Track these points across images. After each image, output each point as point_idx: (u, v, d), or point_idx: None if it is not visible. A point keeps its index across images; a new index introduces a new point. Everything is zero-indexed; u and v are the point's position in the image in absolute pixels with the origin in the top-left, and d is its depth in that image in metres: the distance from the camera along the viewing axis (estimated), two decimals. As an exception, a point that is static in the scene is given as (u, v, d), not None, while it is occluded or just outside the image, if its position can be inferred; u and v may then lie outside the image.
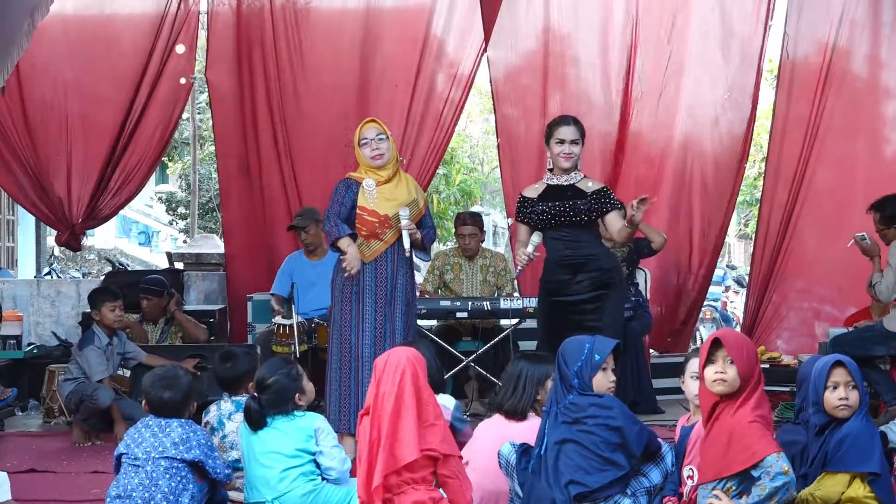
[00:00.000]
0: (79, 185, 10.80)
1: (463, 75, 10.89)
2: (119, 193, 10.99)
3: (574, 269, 7.15)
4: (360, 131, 7.45)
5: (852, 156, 10.75)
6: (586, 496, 5.09)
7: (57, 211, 10.87)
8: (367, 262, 7.30)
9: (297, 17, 10.76)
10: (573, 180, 7.31)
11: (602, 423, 5.17)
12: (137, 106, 10.76)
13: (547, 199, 7.24)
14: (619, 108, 10.84)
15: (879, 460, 5.01)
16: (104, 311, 8.40)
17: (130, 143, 10.83)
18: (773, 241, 10.85)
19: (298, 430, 5.75)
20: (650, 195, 7.14)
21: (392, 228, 7.30)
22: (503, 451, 5.45)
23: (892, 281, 8.64)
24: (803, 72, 10.76)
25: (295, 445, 5.72)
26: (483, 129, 22.37)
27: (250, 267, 10.94)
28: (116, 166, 10.81)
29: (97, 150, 10.75)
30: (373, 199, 7.23)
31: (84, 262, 22.06)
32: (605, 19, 10.82)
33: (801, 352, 10.41)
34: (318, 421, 5.82)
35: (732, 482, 4.87)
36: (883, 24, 10.65)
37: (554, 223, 7.18)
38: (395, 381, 5.17)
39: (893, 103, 10.83)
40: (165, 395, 5.74)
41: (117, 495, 5.60)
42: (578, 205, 7.20)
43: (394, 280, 7.33)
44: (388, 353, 5.41)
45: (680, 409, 9.35)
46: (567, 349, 5.38)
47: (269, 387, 5.86)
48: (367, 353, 7.19)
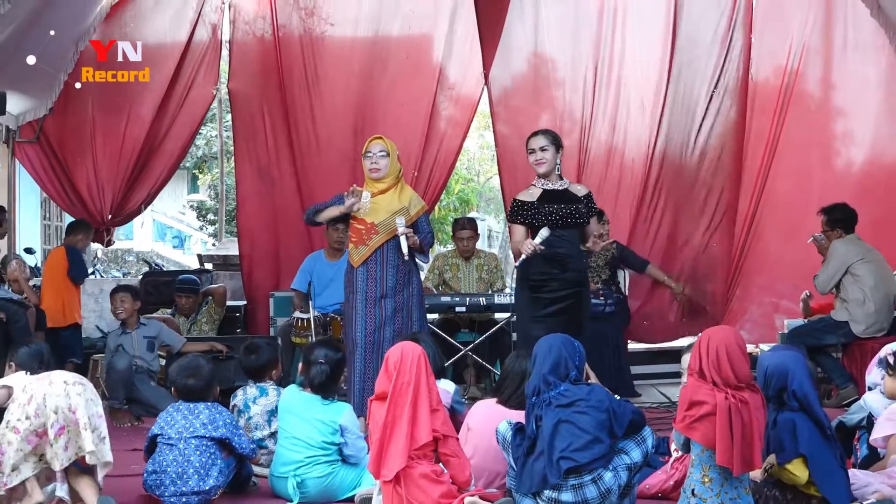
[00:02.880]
0: (107, 189, 10.74)
1: (462, 96, 10.87)
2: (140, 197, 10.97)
3: (561, 266, 7.13)
4: (366, 145, 7.45)
5: (807, 167, 10.76)
6: (574, 470, 5.11)
7: (89, 212, 10.82)
8: (357, 266, 7.29)
9: (313, 44, 10.73)
10: (565, 185, 7.29)
11: (594, 405, 5.20)
12: (164, 122, 10.73)
13: (548, 202, 7.21)
14: (600, 125, 10.80)
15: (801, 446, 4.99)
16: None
17: (154, 155, 10.80)
18: (737, 243, 10.85)
19: (324, 424, 5.77)
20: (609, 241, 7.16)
21: (378, 234, 7.24)
22: (500, 428, 5.44)
23: (829, 275, 8.81)
24: (764, 92, 10.76)
25: (322, 439, 5.76)
26: (478, 143, 22.35)
27: (263, 265, 10.90)
28: (140, 173, 10.78)
29: (126, 160, 10.68)
30: (366, 208, 7.23)
31: (124, 263, 22.06)
32: (587, 45, 10.77)
33: (763, 341, 10.48)
34: (345, 416, 5.83)
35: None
36: (834, 50, 10.67)
37: (560, 224, 7.13)
38: (413, 372, 5.22)
39: (843, 120, 10.84)
40: (190, 383, 5.81)
41: (153, 470, 5.65)
42: (579, 208, 7.18)
43: (383, 281, 7.29)
44: (400, 346, 5.40)
45: (654, 394, 9.38)
46: (567, 347, 5.41)
47: (328, 364, 5.92)
48: (360, 345, 7.19)
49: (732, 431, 4.54)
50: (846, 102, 10.79)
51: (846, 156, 10.85)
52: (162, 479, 5.60)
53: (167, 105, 10.70)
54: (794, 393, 5.08)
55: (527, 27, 10.76)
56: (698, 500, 4.62)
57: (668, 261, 10.70)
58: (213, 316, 10.14)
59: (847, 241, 8.82)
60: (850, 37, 10.60)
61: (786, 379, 5.11)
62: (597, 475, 5.13)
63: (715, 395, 4.59)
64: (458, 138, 10.98)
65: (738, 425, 4.56)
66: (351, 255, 7.32)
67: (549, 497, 5.16)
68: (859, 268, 8.68)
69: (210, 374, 5.92)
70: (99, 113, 10.68)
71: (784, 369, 5.14)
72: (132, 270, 21.07)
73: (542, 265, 7.07)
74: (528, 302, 7.22)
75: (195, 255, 16.30)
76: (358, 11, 10.78)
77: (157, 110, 10.66)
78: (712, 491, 4.63)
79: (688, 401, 4.62)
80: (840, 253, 8.77)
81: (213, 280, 11.15)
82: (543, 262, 7.05)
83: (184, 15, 10.67)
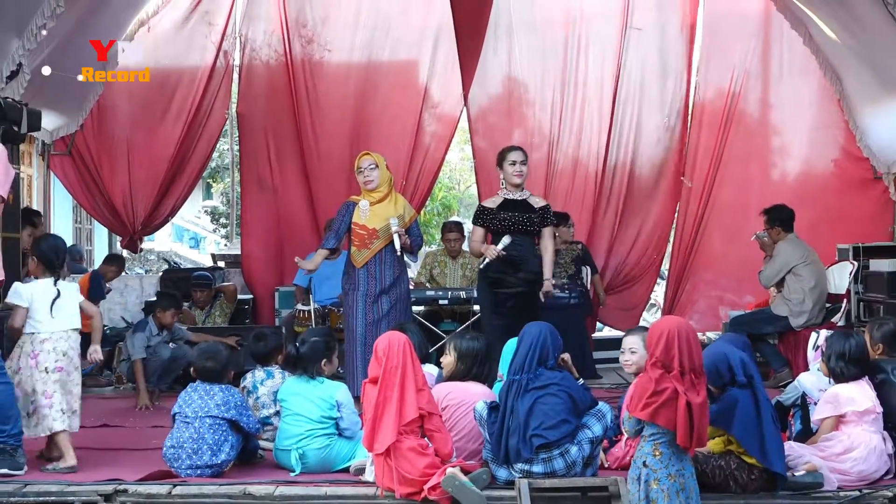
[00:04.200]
0: (139, 203, 10.73)
1: (444, 114, 10.89)
2: (167, 209, 10.96)
3: (515, 267, 7.20)
4: (357, 162, 7.49)
5: (748, 177, 10.79)
6: (544, 446, 5.17)
7: (121, 222, 10.82)
8: (359, 266, 7.31)
9: (313, 69, 10.75)
10: (524, 196, 7.37)
11: (565, 390, 5.29)
12: (188, 140, 10.70)
13: (505, 209, 7.27)
14: (567, 140, 10.81)
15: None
16: (167, 314, 8.32)
17: (180, 171, 10.78)
18: (686, 243, 10.90)
19: (323, 401, 5.77)
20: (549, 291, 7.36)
21: (379, 239, 7.30)
22: (478, 407, 5.48)
23: (774, 271, 8.87)
24: (709, 112, 10.80)
25: (320, 413, 5.76)
26: (459, 156, 22.34)
27: (265, 264, 10.87)
28: (169, 187, 10.77)
29: (154, 174, 10.68)
30: (365, 216, 7.27)
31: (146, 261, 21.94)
32: (554, 70, 10.78)
33: (709, 330, 10.56)
34: (341, 393, 5.83)
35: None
36: (772, 75, 10.71)
37: (512, 230, 7.21)
38: (399, 358, 5.25)
39: (779, 136, 10.87)
40: (209, 364, 5.83)
41: (171, 445, 5.65)
42: (533, 218, 7.29)
43: (382, 279, 7.33)
44: (387, 336, 5.43)
45: (614, 376, 9.37)
46: (551, 337, 5.45)
47: (309, 343, 5.93)
48: (361, 335, 7.21)
49: (691, 415, 4.55)
50: (782, 120, 10.82)
51: (782, 167, 10.88)
52: (179, 454, 5.60)
53: (193, 126, 10.69)
54: (738, 368, 5.11)
55: (501, 54, 10.79)
56: (649, 470, 4.65)
57: (616, 261, 10.86)
58: (225, 310, 10.12)
59: (791, 242, 8.84)
60: (786, 62, 10.64)
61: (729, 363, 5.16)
62: (564, 449, 5.21)
63: (674, 382, 4.58)
64: (441, 151, 11.00)
65: (694, 409, 4.57)
66: (354, 257, 7.35)
67: (521, 469, 5.21)
68: (802, 269, 8.72)
69: (226, 358, 5.95)
70: (132, 131, 10.67)
71: (722, 355, 5.21)
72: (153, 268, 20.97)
73: (500, 266, 7.18)
74: (488, 296, 7.33)
75: (209, 255, 16.22)
76: (353, 39, 10.79)
77: (182, 129, 10.64)
78: (661, 463, 4.65)
79: (650, 389, 4.60)
80: (785, 252, 8.79)
81: (225, 276, 11.12)
82: (501, 263, 7.16)
83: (198, 42, 10.67)
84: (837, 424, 5.51)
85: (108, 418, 7.42)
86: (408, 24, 10.83)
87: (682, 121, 10.79)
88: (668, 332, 4.66)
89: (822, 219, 10.27)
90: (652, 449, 4.65)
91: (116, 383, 8.98)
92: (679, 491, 4.63)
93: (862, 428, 5.43)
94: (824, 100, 10.47)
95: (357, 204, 7.40)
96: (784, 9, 10.01)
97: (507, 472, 5.28)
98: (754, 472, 5.10)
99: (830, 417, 5.53)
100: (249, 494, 5.25)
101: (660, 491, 4.62)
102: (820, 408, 5.62)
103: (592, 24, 10.78)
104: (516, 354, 5.48)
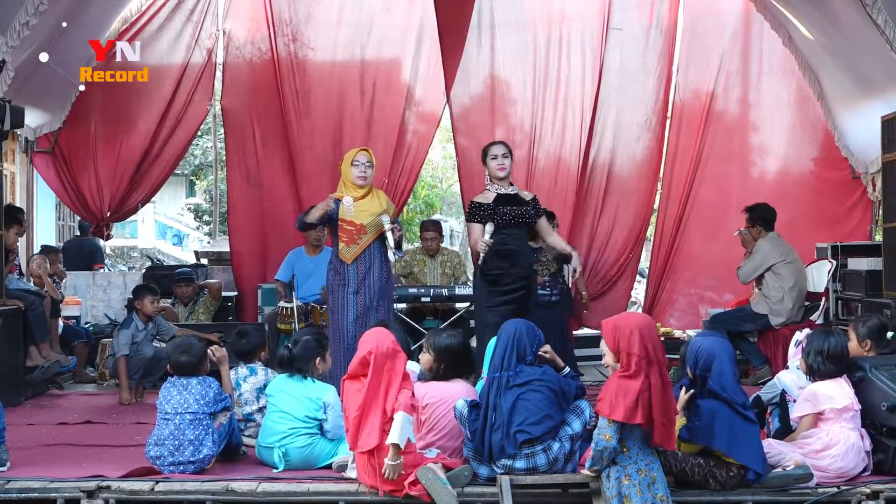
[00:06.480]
0: (107, 191, 10.78)
1: (427, 113, 10.89)
2: (138, 198, 11.00)
3: (511, 260, 7.14)
4: (354, 154, 7.30)
5: (727, 176, 10.83)
6: (528, 442, 5.17)
7: (89, 209, 10.89)
8: (349, 263, 7.24)
9: (296, 67, 10.72)
10: (514, 190, 7.32)
11: (546, 385, 5.28)
12: (162, 134, 10.73)
13: (501, 204, 7.20)
14: (548, 138, 10.82)
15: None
16: (146, 302, 8.26)
17: (153, 162, 10.81)
18: (667, 242, 10.94)
19: (310, 401, 5.75)
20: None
21: (367, 234, 7.20)
22: (458, 406, 5.44)
23: (752, 268, 8.89)
24: (689, 112, 10.86)
25: (306, 413, 5.74)
26: (441, 154, 22.31)
27: (251, 261, 10.87)
28: (139, 177, 10.80)
29: (125, 166, 10.72)
30: (351, 212, 7.19)
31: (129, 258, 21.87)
32: (536, 69, 10.79)
33: (688, 327, 10.57)
34: (329, 395, 5.79)
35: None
36: (751, 75, 10.77)
37: (512, 223, 7.16)
38: (387, 357, 5.19)
39: (758, 135, 10.93)
40: (183, 359, 5.81)
41: (154, 442, 5.62)
42: (528, 210, 7.22)
43: (370, 275, 7.28)
44: (374, 334, 5.36)
45: (595, 373, 9.39)
46: (530, 334, 5.45)
47: (301, 342, 5.92)
48: (350, 332, 7.15)
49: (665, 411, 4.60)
50: (761, 120, 10.87)
51: (761, 166, 10.93)
52: (161, 451, 5.57)
53: (165, 119, 10.71)
54: (717, 377, 5.12)
55: (483, 53, 10.80)
56: (619, 467, 4.81)
57: (595, 258, 10.89)
58: (209, 307, 10.08)
59: (771, 240, 8.85)
60: (766, 62, 10.70)
61: (712, 364, 5.15)
62: (546, 445, 5.20)
63: (649, 380, 4.63)
64: (424, 149, 11.02)
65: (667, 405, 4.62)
66: (343, 254, 7.23)
67: (504, 464, 5.19)
68: (781, 268, 8.73)
69: (201, 350, 5.92)
70: (102, 125, 10.67)
71: (712, 354, 5.18)
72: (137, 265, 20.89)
73: (496, 261, 7.08)
74: (485, 293, 7.23)
75: (192, 252, 16.16)
76: (336, 38, 10.80)
77: (157, 124, 10.67)
78: (630, 458, 4.80)
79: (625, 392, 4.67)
80: (765, 250, 8.81)
81: (208, 273, 11.09)
82: (497, 258, 7.07)
83: (181, 40, 10.66)
84: (816, 422, 5.52)
85: (92, 415, 7.37)
86: (391, 23, 10.83)
87: (662, 120, 10.83)
88: (638, 329, 4.81)
89: (801, 218, 10.33)
90: (619, 446, 4.75)
91: (100, 380, 8.94)
92: (650, 484, 4.79)
93: (840, 425, 5.44)
94: (803, 100, 10.53)
95: (340, 200, 7.32)
96: (763, 9, 10.06)
97: (488, 469, 5.26)
98: (732, 470, 5.12)
99: (809, 415, 5.54)
100: (232, 491, 5.23)
101: (632, 486, 4.77)
102: (799, 405, 5.64)
103: (574, 24, 10.81)
104: (495, 353, 5.46)
